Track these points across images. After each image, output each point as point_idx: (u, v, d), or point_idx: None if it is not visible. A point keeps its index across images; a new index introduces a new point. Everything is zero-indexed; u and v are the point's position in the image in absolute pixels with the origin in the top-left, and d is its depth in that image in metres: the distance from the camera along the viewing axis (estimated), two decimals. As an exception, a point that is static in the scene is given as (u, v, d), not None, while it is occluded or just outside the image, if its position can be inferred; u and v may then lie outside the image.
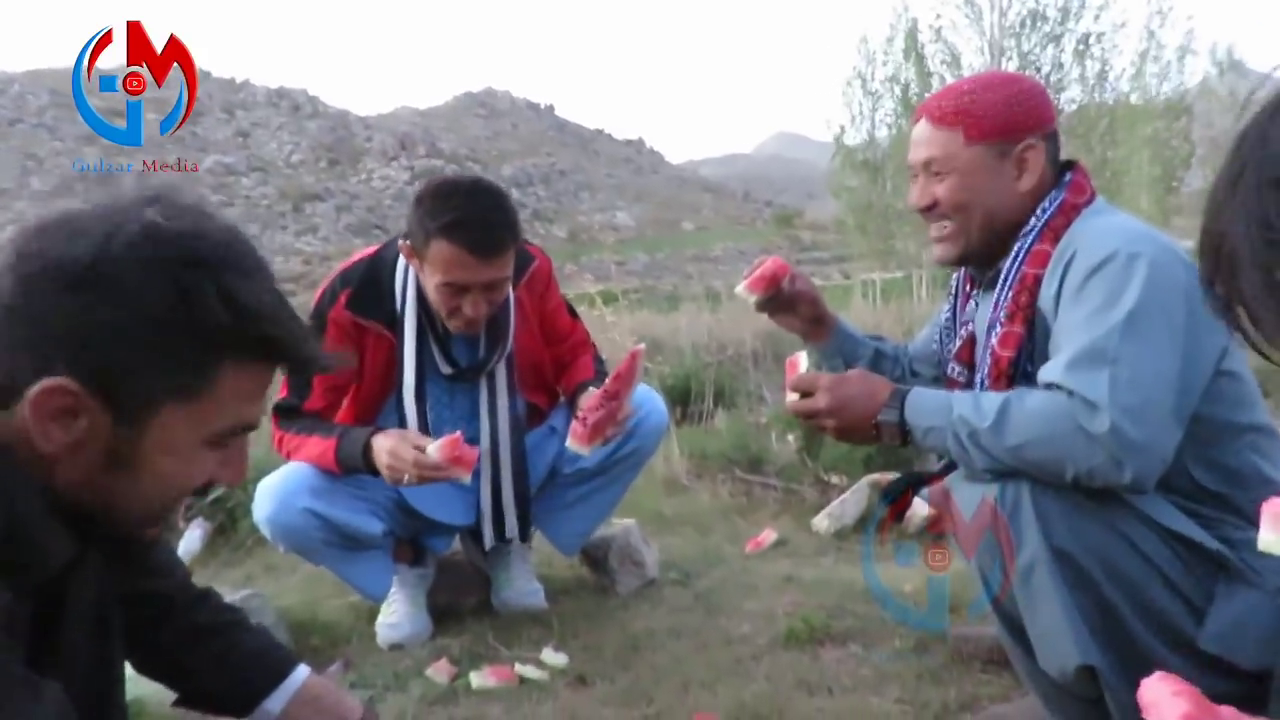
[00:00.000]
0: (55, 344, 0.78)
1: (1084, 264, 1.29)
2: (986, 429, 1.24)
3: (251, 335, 0.84)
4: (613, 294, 6.43)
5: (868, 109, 15.84)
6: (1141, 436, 1.17)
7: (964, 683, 1.77)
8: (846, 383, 1.39)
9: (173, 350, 0.81)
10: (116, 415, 0.81)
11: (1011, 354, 1.38)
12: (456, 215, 1.87)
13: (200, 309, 0.80)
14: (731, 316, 6.68)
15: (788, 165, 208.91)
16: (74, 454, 0.81)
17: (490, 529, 2.20)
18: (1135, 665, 1.25)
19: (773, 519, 3.18)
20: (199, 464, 0.88)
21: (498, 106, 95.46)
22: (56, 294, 0.78)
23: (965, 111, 1.41)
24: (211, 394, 0.84)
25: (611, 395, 1.92)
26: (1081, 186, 1.43)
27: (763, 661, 1.94)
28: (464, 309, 1.94)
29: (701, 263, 44.23)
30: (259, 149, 65.05)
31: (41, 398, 0.78)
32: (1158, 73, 14.58)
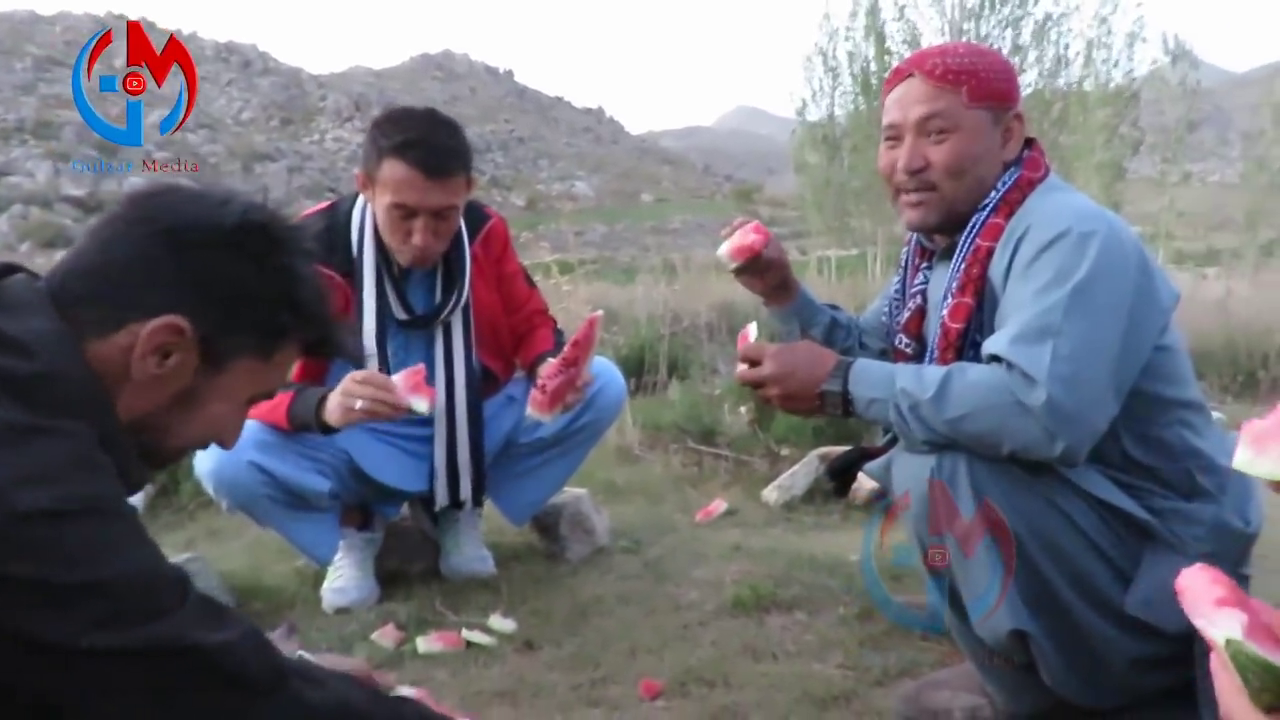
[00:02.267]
0: (184, 290, 0.90)
1: (1036, 240, 1.30)
2: (927, 401, 1.25)
3: (318, 319, 0.99)
4: (569, 264, 6.39)
5: (828, 85, 15.86)
6: (1075, 408, 1.19)
7: (904, 649, 1.82)
8: (792, 351, 1.39)
9: (274, 317, 0.95)
10: (204, 359, 0.92)
11: (961, 325, 1.39)
12: (409, 136, 1.90)
13: (302, 289, 0.96)
14: (687, 288, 6.69)
15: (748, 139, 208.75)
16: (149, 387, 0.90)
17: (444, 489, 2.17)
18: (1064, 630, 1.30)
19: (723, 489, 3.21)
20: (238, 417, 1.00)
21: (456, 69, 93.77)
22: (199, 247, 0.91)
23: (969, 72, 1.39)
24: (276, 360, 0.98)
25: (570, 362, 1.91)
26: (1037, 163, 1.44)
27: (709, 628, 1.97)
28: (414, 237, 1.94)
29: (660, 235, 44.15)
30: (206, 105, 63.11)
31: (157, 330, 0.88)
32: (1108, 59, 14.78)
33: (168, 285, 0.90)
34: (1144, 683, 1.34)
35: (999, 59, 1.46)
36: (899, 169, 1.44)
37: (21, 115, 50.08)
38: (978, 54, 1.44)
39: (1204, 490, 1.33)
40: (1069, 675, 1.32)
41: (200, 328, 0.90)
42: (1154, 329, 1.31)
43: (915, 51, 1.54)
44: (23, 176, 43.66)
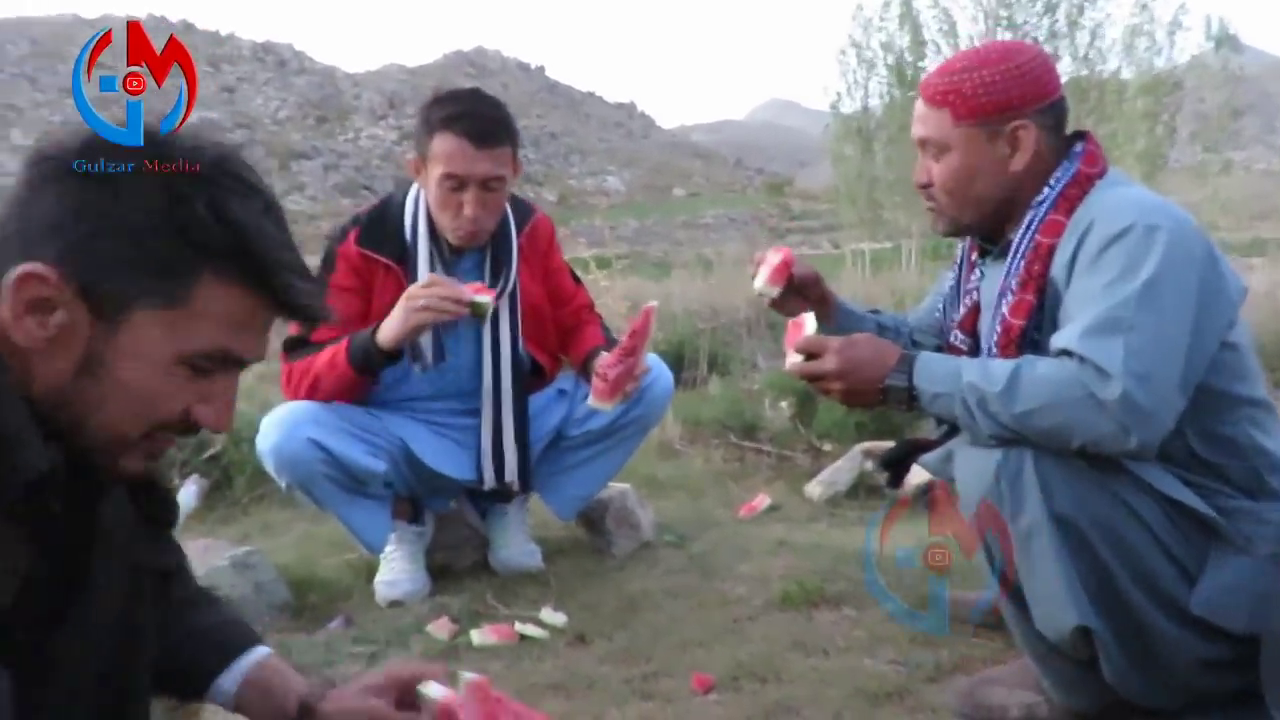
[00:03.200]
0: (44, 231, 0.77)
1: (1101, 234, 1.30)
2: (996, 395, 1.25)
3: (233, 249, 0.81)
4: (607, 259, 6.41)
5: (862, 77, 15.71)
6: (1150, 404, 1.19)
7: (957, 645, 1.81)
8: (856, 345, 1.39)
9: (152, 249, 0.79)
10: (95, 313, 0.78)
11: (1023, 322, 1.39)
12: (457, 108, 2.00)
13: (184, 211, 0.79)
14: (723, 283, 6.67)
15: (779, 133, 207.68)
16: (51, 354, 0.78)
17: (491, 470, 2.20)
18: (1128, 628, 1.29)
19: (766, 485, 3.22)
20: (170, 383, 0.82)
21: (488, 66, 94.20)
22: (48, 180, 0.79)
23: (954, 90, 1.42)
24: (188, 306, 0.80)
25: (629, 351, 1.97)
26: (1094, 156, 1.43)
27: (758, 622, 1.98)
28: (465, 208, 2.00)
29: (692, 229, 44.04)
30: (244, 105, 64.02)
31: (17, 284, 0.76)
32: (1150, 46, 14.48)
33: (28, 231, 0.78)
34: (1208, 684, 1.33)
35: (1006, 66, 1.41)
36: (915, 182, 1.54)
37: (67, 116, 51.18)
38: (979, 65, 1.42)
39: (1272, 490, 1.31)
40: (1131, 673, 1.32)
41: (71, 275, 0.77)
42: (1221, 323, 1.30)
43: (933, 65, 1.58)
44: (67, 177, 44.70)
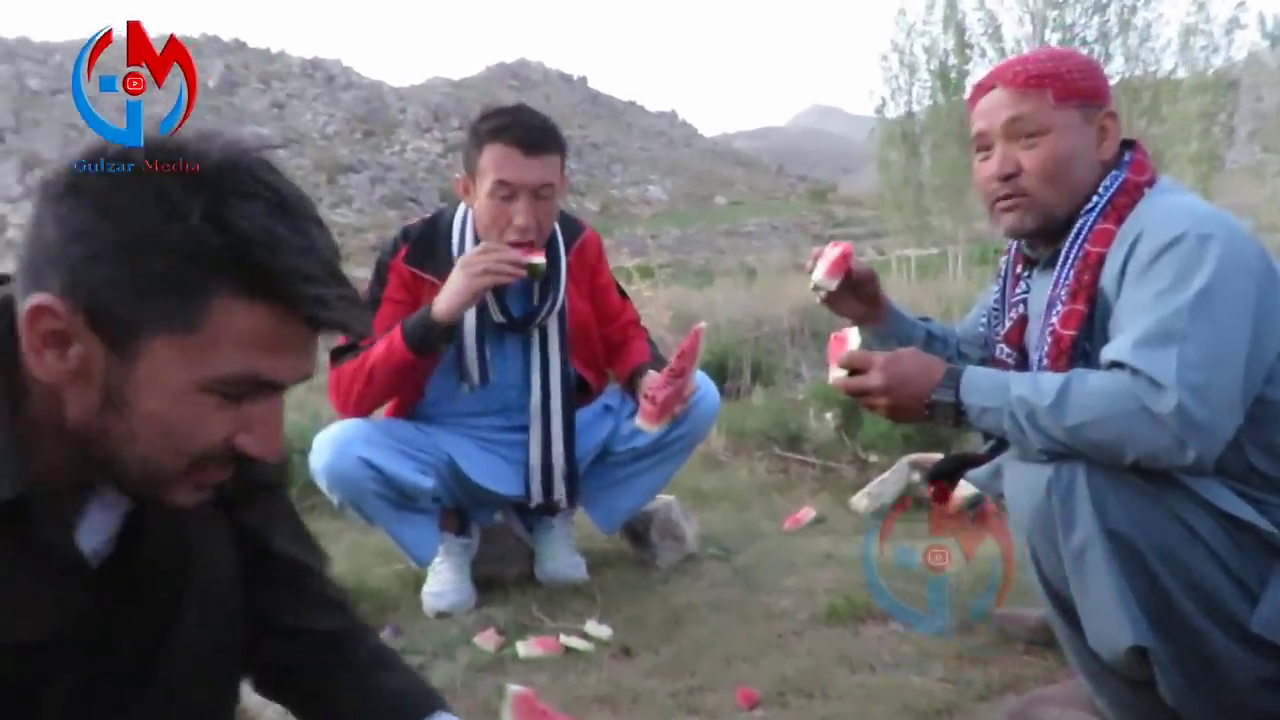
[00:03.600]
0: (46, 261, 0.73)
1: (1152, 243, 1.27)
2: (1046, 408, 1.23)
3: (240, 260, 0.72)
4: (649, 268, 6.43)
5: (905, 82, 15.58)
6: (1206, 417, 1.16)
7: (1007, 663, 1.78)
8: (901, 361, 1.37)
9: (154, 269, 0.72)
10: (108, 344, 0.74)
11: (1073, 332, 1.36)
12: (505, 119, 2.03)
13: (182, 225, 0.71)
14: (767, 292, 6.67)
15: (822, 139, 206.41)
16: (77, 388, 0.75)
17: (539, 488, 2.23)
18: (1186, 647, 1.25)
19: (811, 496, 3.19)
20: (200, 414, 0.77)
21: (530, 78, 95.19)
22: (47, 205, 0.74)
23: (1052, 74, 1.39)
24: (206, 330, 0.74)
25: (678, 373, 1.98)
26: (1143, 165, 1.41)
27: (804, 637, 1.96)
28: (516, 218, 2.00)
29: (734, 237, 43.93)
30: (294, 120, 65.48)
31: (29, 318, 0.73)
32: (1205, 46, 14.14)
33: (36, 260, 0.74)
34: (1268, 705, 1.29)
35: (1082, 58, 1.44)
36: (990, 175, 1.43)
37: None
38: (1059, 56, 1.42)
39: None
40: (1190, 694, 1.28)
41: (79, 304, 0.72)
42: (1278, 334, 1.26)
43: (996, 65, 1.53)
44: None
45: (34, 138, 52.77)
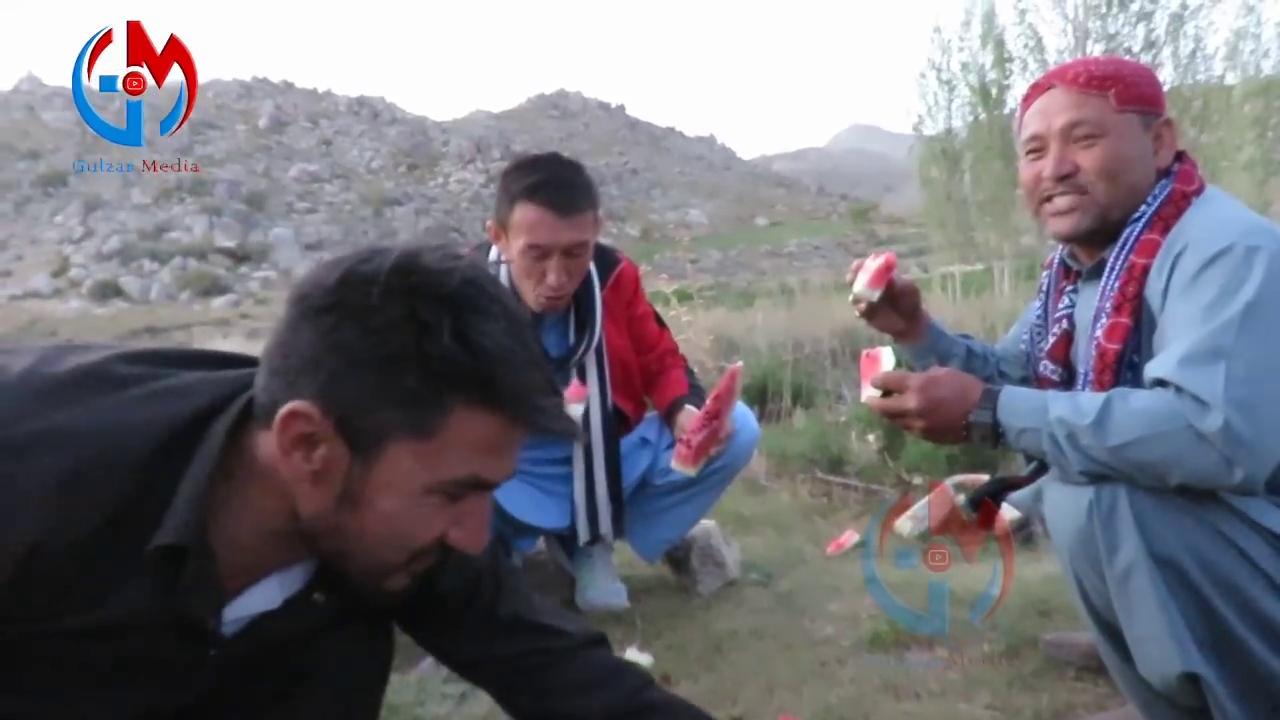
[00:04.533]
0: (301, 369, 0.79)
1: (1197, 256, 1.23)
2: (1087, 427, 1.20)
3: (483, 378, 0.80)
4: (687, 292, 6.45)
5: (943, 99, 15.47)
6: (1254, 436, 1.12)
7: (1057, 690, 1.73)
8: (937, 382, 1.35)
9: (404, 382, 0.78)
10: (352, 447, 0.80)
11: (1118, 346, 1.33)
12: (537, 179, 1.97)
13: (431, 341, 0.78)
14: (807, 313, 6.63)
15: (862, 158, 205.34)
16: (315, 486, 0.81)
17: (585, 525, 2.23)
18: (1240, 672, 1.21)
19: (854, 520, 3.16)
20: (425, 513, 0.84)
21: (570, 107, 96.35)
22: (305, 318, 0.80)
23: (1115, 77, 1.37)
24: (441, 436, 0.80)
25: (713, 415, 1.98)
26: (1190, 175, 1.38)
27: (847, 664, 1.93)
28: (548, 276, 1.99)
29: (775, 259, 43.78)
30: (341, 156, 67.05)
31: (284, 421, 0.79)
32: (1255, 49, 13.81)
33: (291, 367, 0.80)
34: (1331, 731, 1.24)
35: (1141, 66, 1.43)
36: (1045, 177, 1.40)
37: (180, 175, 54.47)
38: (1119, 61, 1.40)
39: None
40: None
41: (331, 410, 0.79)
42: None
43: (1052, 68, 1.50)
44: (181, 231, 47.42)
45: (95, 181, 54.75)
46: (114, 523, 0.78)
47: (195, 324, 26.13)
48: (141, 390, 0.84)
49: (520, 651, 1.12)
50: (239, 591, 0.90)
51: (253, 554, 0.88)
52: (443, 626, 1.12)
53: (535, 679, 1.12)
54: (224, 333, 18.33)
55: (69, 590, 0.78)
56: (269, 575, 0.92)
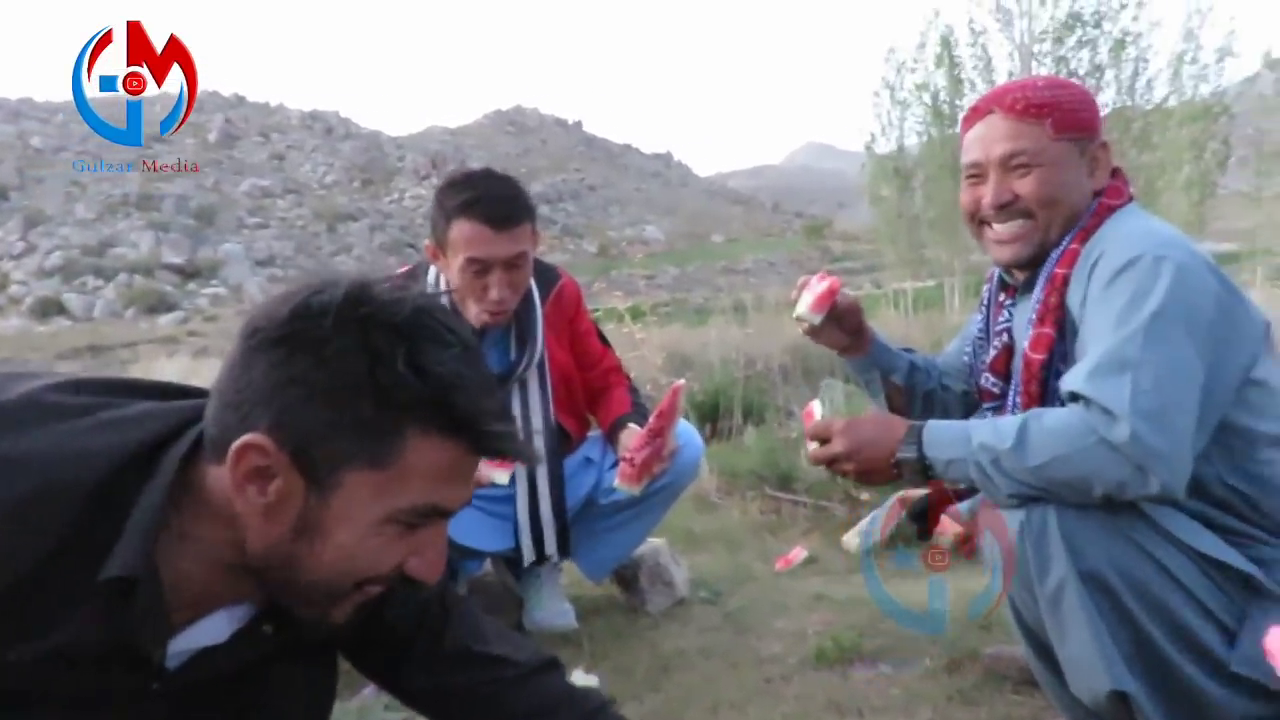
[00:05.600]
0: (255, 402, 0.79)
1: (1109, 266, 1.27)
2: (1008, 451, 1.22)
3: (438, 405, 0.80)
4: (640, 309, 6.45)
5: (896, 118, 15.78)
6: (1163, 443, 1.15)
7: (996, 703, 1.76)
8: (861, 425, 1.37)
9: (359, 412, 0.78)
10: (308, 479, 0.80)
11: (1043, 356, 1.36)
12: (472, 194, 1.96)
13: (384, 370, 0.78)
14: (760, 331, 6.67)
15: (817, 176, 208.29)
16: (268, 520, 0.81)
17: (530, 546, 2.21)
18: (1168, 689, 1.23)
19: (803, 536, 3.18)
20: (382, 543, 0.83)
21: (527, 123, 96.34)
22: (258, 351, 0.79)
23: (1052, 105, 1.39)
24: (398, 465, 0.80)
25: (656, 433, 1.98)
26: (1119, 190, 1.42)
27: (793, 682, 1.94)
28: (491, 291, 1.98)
29: (732, 275, 44.12)
30: (293, 171, 66.20)
31: (238, 454, 0.78)
32: (1195, 74, 14.32)
33: (244, 401, 0.79)
34: (1256, 744, 1.27)
35: (1079, 89, 1.45)
36: (985, 205, 1.43)
37: (126, 190, 53.33)
38: (1058, 86, 1.42)
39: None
40: None
41: (286, 443, 0.78)
42: (1241, 358, 1.26)
43: (992, 89, 1.53)
44: (127, 247, 46.36)
45: (37, 195, 53.37)
46: (60, 553, 0.77)
47: (141, 342, 25.53)
48: (89, 420, 0.83)
49: (468, 682, 1.11)
50: (185, 625, 0.89)
51: (201, 587, 0.87)
52: (389, 656, 1.11)
53: (483, 709, 1.11)
54: (170, 351, 17.89)
55: (12, 622, 0.77)
56: (216, 610, 0.91)
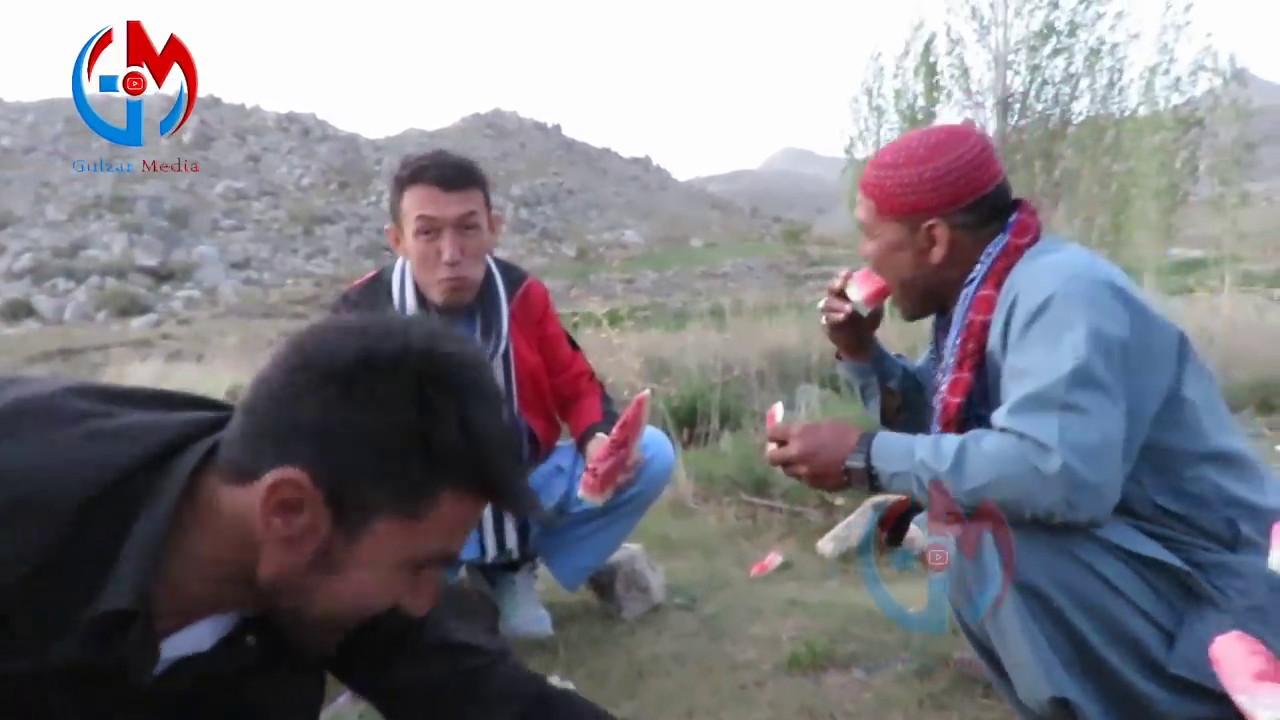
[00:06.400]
0: (300, 436, 0.79)
1: (1025, 307, 1.31)
2: (945, 472, 1.26)
3: (478, 466, 0.83)
4: (618, 314, 6.46)
5: (874, 123, 15.89)
6: (1093, 476, 1.19)
7: (966, 707, 1.78)
8: (816, 431, 1.41)
9: (405, 465, 0.81)
10: (336, 518, 0.81)
11: (959, 400, 1.41)
12: (421, 163, 2.04)
13: (439, 430, 0.81)
14: (738, 335, 6.71)
15: (795, 181, 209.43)
16: (285, 548, 0.82)
17: (492, 539, 2.20)
18: (1108, 693, 1.27)
19: (778, 541, 3.20)
20: (394, 583, 0.86)
21: (505, 127, 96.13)
22: (314, 388, 0.80)
23: (879, 186, 1.47)
24: (427, 517, 0.83)
25: (620, 444, 1.97)
26: (1025, 226, 1.44)
27: (766, 688, 1.96)
28: (444, 253, 2.01)
29: (710, 279, 44.24)
30: (269, 173, 65.65)
31: (273, 487, 0.79)
32: (1169, 85, 14.62)
33: (286, 433, 0.80)
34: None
35: (930, 166, 1.42)
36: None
37: (99, 192, 52.65)
38: (898, 165, 1.44)
39: (1249, 540, 1.28)
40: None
41: (323, 482, 0.79)
42: (1159, 380, 1.29)
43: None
44: (99, 249, 45.75)
45: (6, 197, 52.58)
46: (44, 572, 0.75)
47: (113, 345, 25.15)
48: (83, 429, 0.82)
49: (446, 672, 1.13)
50: (170, 633, 0.88)
51: (193, 600, 0.87)
52: (374, 661, 1.11)
53: (459, 698, 1.13)
54: (143, 355, 17.66)
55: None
56: (203, 619, 0.90)
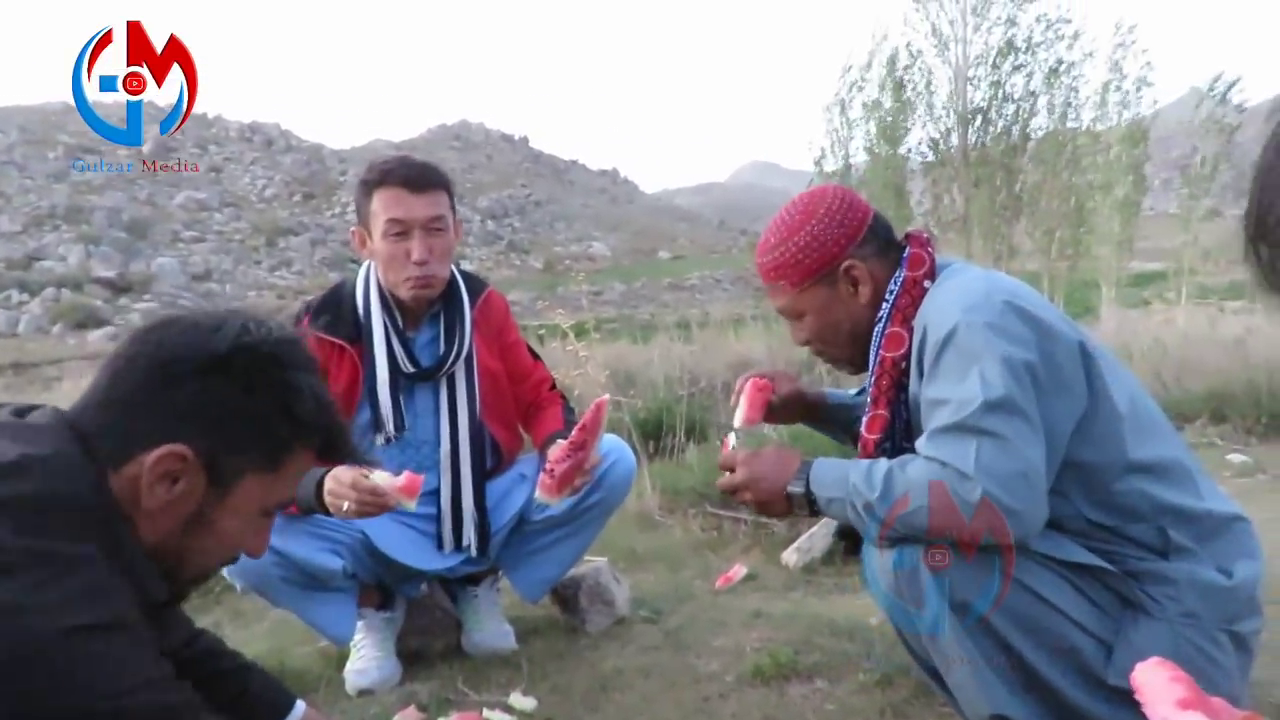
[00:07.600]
0: (183, 418, 0.95)
1: (933, 340, 1.33)
2: (876, 499, 1.28)
3: (328, 427, 1.04)
4: (584, 327, 6.45)
5: (844, 135, 16.04)
6: (1013, 500, 1.21)
7: (927, 716, 1.79)
8: (760, 458, 1.43)
9: (271, 432, 0.99)
10: (211, 482, 0.97)
11: (876, 437, 1.44)
12: (387, 167, 2.10)
13: (297, 402, 1.00)
14: (704, 347, 6.73)
15: (762, 193, 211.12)
16: (161, 513, 0.95)
17: (450, 532, 2.19)
18: (1052, 708, 1.28)
19: (743, 553, 3.21)
20: (252, 530, 1.04)
21: (472, 139, 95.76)
22: (187, 376, 0.95)
23: (779, 265, 1.50)
24: (282, 470, 1.02)
25: (578, 446, 1.96)
26: (919, 259, 1.47)
27: (729, 700, 1.96)
28: (413, 253, 2.04)
29: (678, 291, 44.35)
30: (231, 184, 64.76)
31: (161, 459, 0.93)
32: (1120, 101, 15.00)
33: (166, 416, 0.95)
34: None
35: (808, 228, 1.48)
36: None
37: (54, 202, 51.60)
38: (783, 241, 1.50)
39: (1180, 546, 1.30)
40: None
41: (202, 452, 0.95)
42: (1070, 397, 1.30)
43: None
44: (55, 261, 44.78)
45: (-40, 206, 51.31)
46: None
47: (69, 359, 24.61)
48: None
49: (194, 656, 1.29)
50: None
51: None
52: None
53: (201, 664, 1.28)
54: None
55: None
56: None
